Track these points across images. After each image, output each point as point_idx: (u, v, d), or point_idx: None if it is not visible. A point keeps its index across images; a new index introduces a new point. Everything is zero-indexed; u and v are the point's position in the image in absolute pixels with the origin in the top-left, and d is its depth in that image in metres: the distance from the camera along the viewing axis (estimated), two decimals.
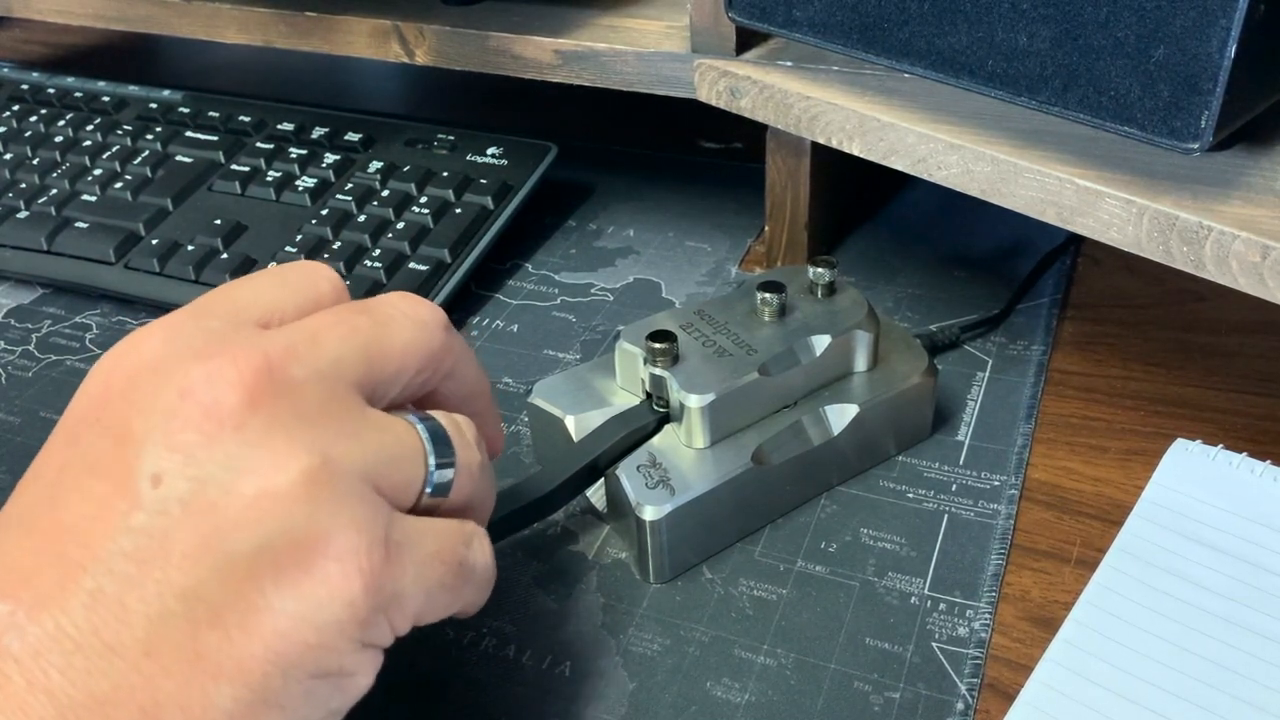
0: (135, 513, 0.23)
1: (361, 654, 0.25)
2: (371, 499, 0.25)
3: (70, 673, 0.22)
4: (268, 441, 0.24)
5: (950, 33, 0.38)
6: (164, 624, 0.22)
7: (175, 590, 0.22)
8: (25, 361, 0.50)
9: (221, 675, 0.22)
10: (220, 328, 0.26)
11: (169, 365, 0.25)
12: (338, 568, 0.24)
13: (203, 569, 0.23)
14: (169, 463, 0.23)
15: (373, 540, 0.24)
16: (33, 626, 0.22)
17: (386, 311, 0.28)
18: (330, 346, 0.26)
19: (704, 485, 0.37)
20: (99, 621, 0.22)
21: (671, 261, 0.55)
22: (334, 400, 0.26)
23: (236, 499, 0.23)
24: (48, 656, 0.22)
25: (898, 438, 0.42)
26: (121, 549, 0.23)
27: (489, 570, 0.29)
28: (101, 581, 0.22)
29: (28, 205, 0.56)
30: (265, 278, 0.29)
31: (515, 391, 0.47)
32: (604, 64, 0.51)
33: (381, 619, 0.25)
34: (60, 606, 0.22)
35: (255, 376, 0.24)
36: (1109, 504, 0.40)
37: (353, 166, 0.58)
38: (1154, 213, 0.36)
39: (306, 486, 0.24)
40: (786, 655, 0.35)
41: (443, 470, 0.27)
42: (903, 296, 0.51)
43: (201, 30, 0.60)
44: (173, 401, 0.24)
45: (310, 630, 0.23)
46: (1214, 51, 0.32)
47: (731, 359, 0.38)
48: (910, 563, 0.38)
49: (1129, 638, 0.34)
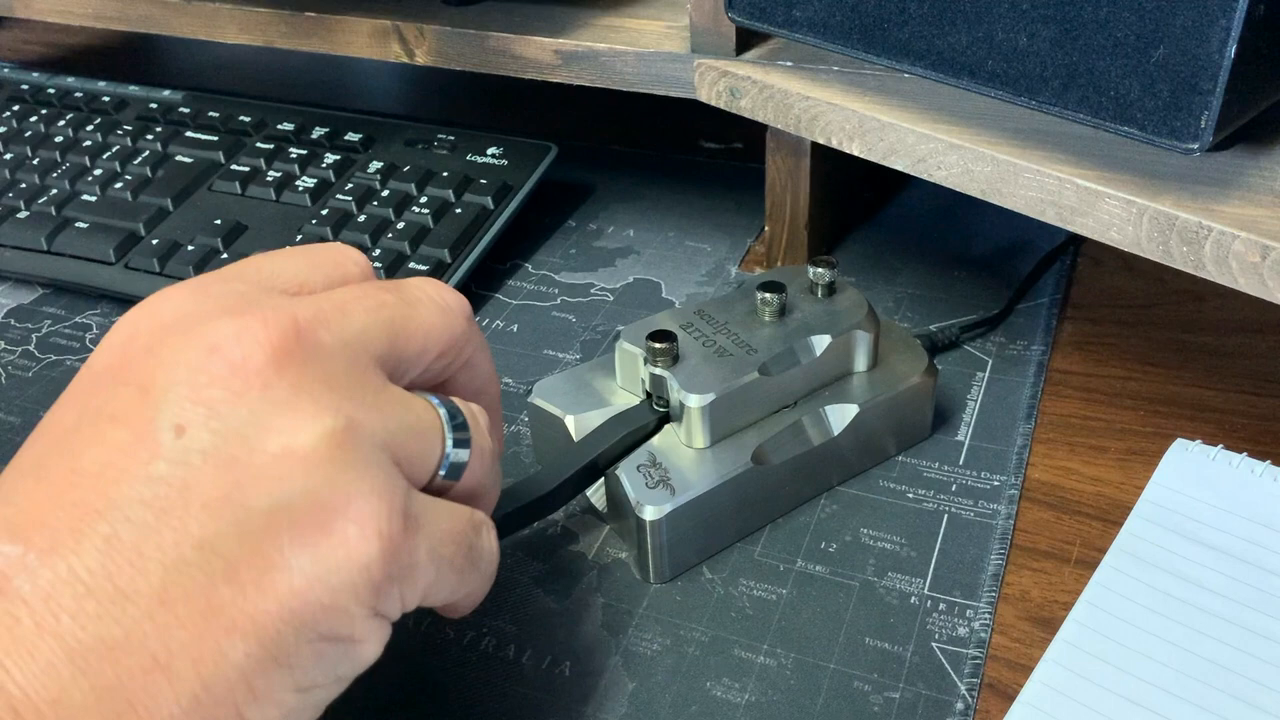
0: (156, 461, 0.23)
1: (371, 621, 0.25)
2: (391, 468, 0.25)
3: (81, 617, 0.21)
4: (293, 401, 0.24)
5: (950, 33, 0.38)
6: (180, 574, 0.22)
7: (193, 541, 0.22)
8: (25, 361, 0.50)
9: (235, 629, 0.22)
10: (248, 290, 0.26)
11: (196, 321, 0.25)
12: (357, 530, 0.24)
13: (222, 522, 0.22)
14: (193, 414, 0.23)
15: (392, 507, 0.24)
16: (44, 569, 0.21)
17: (414, 293, 0.29)
18: (357, 318, 0.26)
19: (704, 485, 0.37)
20: (113, 567, 0.22)
21: (671, 261, 0.55)
22: (357, 371, 0.26)
23: (260, 455, 0.23)
24: (58, 600, 0.21)
25: (898, 438, 0.42)
26: (140, 496, 0.22)
27: (494, 560, 0.29)
28: (118, 527, 0.22)
29: (28, 205, 0.56)
30: (293, 253, 0.29)
31: (515, 391, 0.47)
32: (604, 64, 0.51)
33: (394, 589, 0.25)
34: (74, 550, 0.22)
35: (284, 337, 0.24)
36: (1109, 504, 0.40)
37: (353, 166, 0.58)
38: (1154, 213, 0.36)
39: (330, 448, 0.24)
40: (786, 655, 0.35)
41: (459, 450, 0.27)
42: (903, 296, 0.51)
43: (201, 30, 0.60)
44: (200, 356, 0.24)
45: (325, 591, 0.23)
46: (1214, 51, 0.32)
47: (731, 359, 0.38)
48: (910, 563, 0.38)
49: (1129, 638, 0.34)
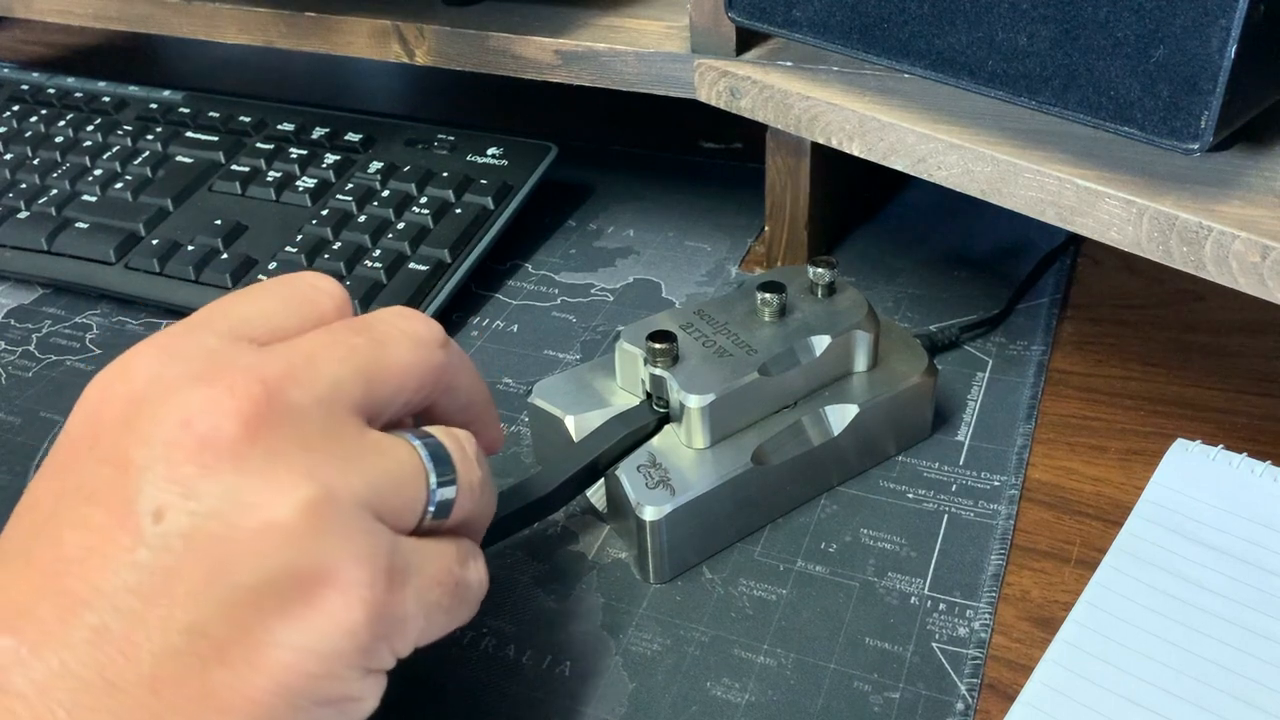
0: (138, 548, 0.23)
1: (365, 680, 0.25)
2: (373, 527, 0.25)
3: (77, 711, 0.21)
4: (268, 472, 0.24)
5: (950, 33, 0.38)
6: (170, 660, 0.22)
7: (180, 626, 0.22)
8: (25, 361, 0.50)
9: (229, 710, 0.22)
10: (217, 346, 0.26)
11: (165, 390, 0.24)
12: (341, 599, 0.23)
13: (207, 605, 0.23)
14: (170, 496, 0.23)
15: (375, 570, 0.24)
16: (37, 663, 0.22)
17: (384, 330, 0.28)
18: (328, 369, 0.26)
19: (704, 485, 0.37)
20: (104, 659, 0.22)
21: (671, 261, 0.55)
22: (333, 425, 0.25)
23: (239, 532, 0.23)
24: (54, 694, 0.21)
25: (898, 438, 0.42)
26: (125, 584, 0.22)
27: (483, 588, 0.29)
28: (105, 618, 0.22)
29: (28, 205, 0.56)
30: (265, 292, 0.29)
31: (515, 391, 0.47)
32: (604, 64, 0.51)
33: (383, 645, 0.25)
34: (63, 642, 0.22)
35: (254, 405, 0.24)
36: (1109, 504, 0.40)
37: (353, 167, 0.58)
38: (1154, 213, 0.36)
39: (309, 518, 0.23)
40: (786, 655, 0.35)
41: (444, 489, 0.27)
42: (903, 296, 0.51)
43: (201, 30, 0.60)
44: (173, 431, 0.24)
45: (315, 661, 0.23)
46: (1214, 52, 0.32)
47: (731, 359, 0.38)
48: (910, 563, 0.38)
49: (1129, 638, 0.34)
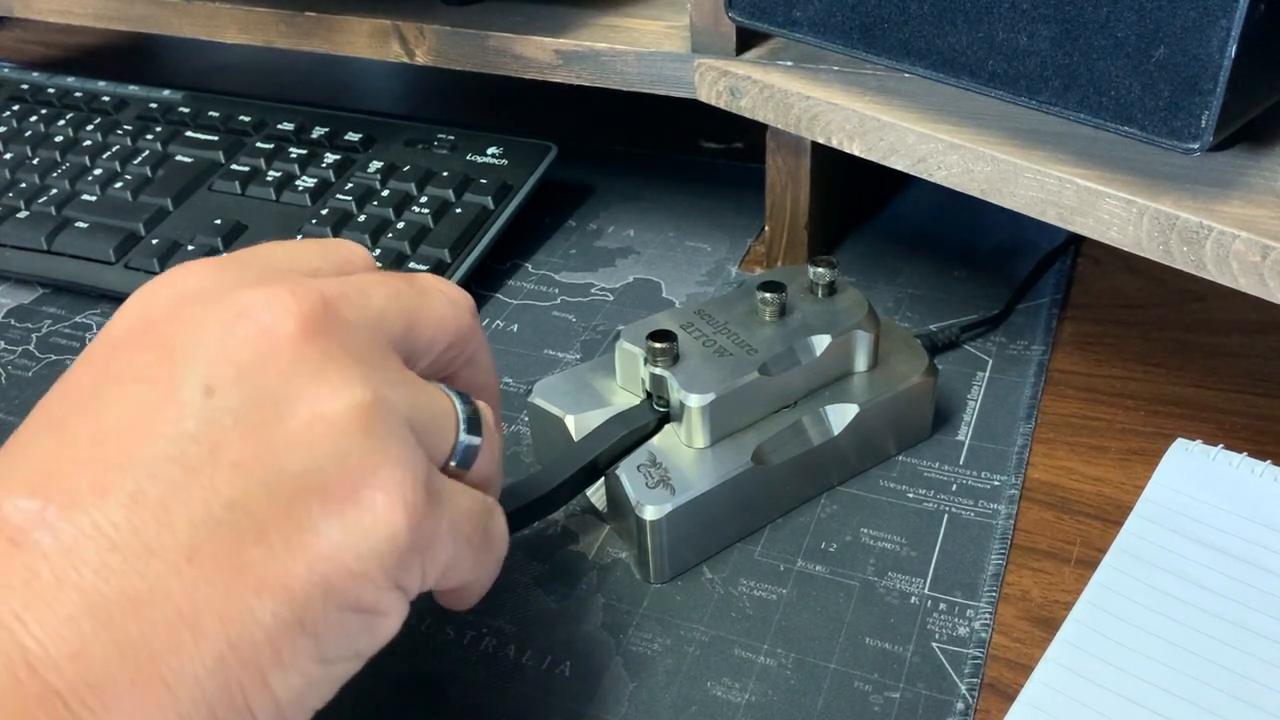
0: (184, 419, 0.22)
1: (393, 593, 0.25)
2: (414, 442, 0.25)
3: (104, 571, 0.21)
4: (323, 370, 0.24)
5: (950, 33, 0.38)
6: (209, 531, 0.22)
7: (222, 499, 0.22)
8: (25, 361, 0.50)
9: (264, 589, 0.22)
10: (267, 268, 0.27)
11: (220, 291, 0.25)
12: (384, 499, 0.24)
13: (252, 482, 0.22)
14: (222, 374, 0.23)
15: (416, 479, 0.24)
16: (65, 524, 0.21)
17: (424, 284, 0.29)
18: (377, 300, 0.27)
19: (704, 485, 0.37)
20: (139, 522, 0.21)
21: (671, 261, 0.55)
22: (379, 349, 0.26)
23: (291, 420, 0.23)
24: (80, 553, 0.21)
25: (898, 438, 0.42)
26: (167, 453, 0.22)
27: (505, 543, 0.30)
28: (144, 484, 0.22)
29: (28, 205, 0.56)
30: (303, 243, 0.29)
31: (515, 391, 0.47)
32: (604, 64, 0.51)
33: (417, 560, 0.25)
34: (97, 506, 0.21)
35: (313, 308, 0.25)
36: (1109, 504, 0.40)
37: (353, 166, 0.58)
38: (1154, 213, 0.36)
39: (359, 418, 0.24)
40: (786, 655, 0.35)
41: (471, 437, 0.28)
42: (903, 296, 0.51)
43: (201, 30, 0.60)
44: (228, 319, 0.24)
45: (353, 557, 0.23)
46: (1214, 51, 0.32)
47: (731, 359, 0.38)
48: (910, 563, 0.38)
49: (1129, 638, 0.34)
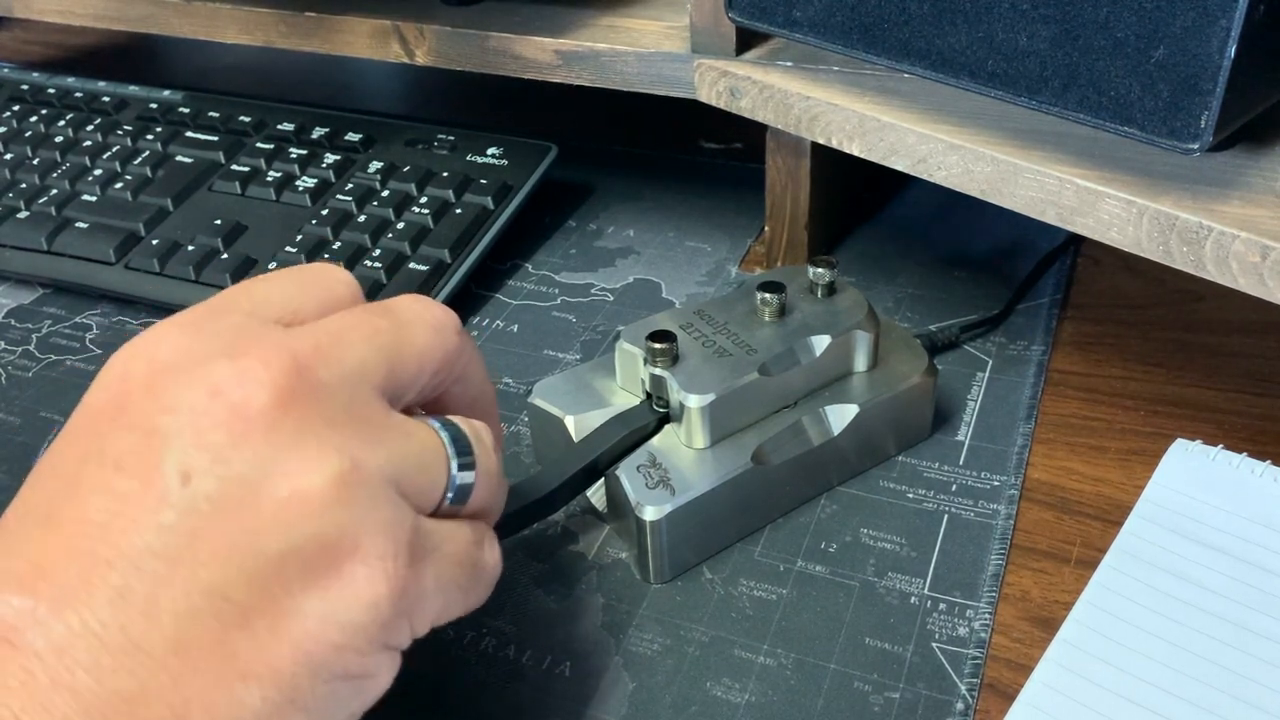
0: (164, 510, 0.23)
1: (382, 655, 0.25)
2: (398, 503, 0.25)
3: (96, 671, 0.21)
4: (298, 443, 0.24)
5: (950, 33, 0.38)
6: (193, 622, 0.22)
7: (203, 589, 0.22)
8: (25, 361, 0.50)
9: (250, 675, 0.22)
10: (243, 323, 0.26)
11: (194, 362, 0.24)
12: (365, 571, 0.24)
13: (232, 569, 0.22)
14: (198, 460, 0.23)
15: (399, 545, 0.24)
16: (56, 623, 0.21)
17: (404, 314, 0.28)
18: (355, 349, 0.26)
19: (704, 485, 0.37)
20: (126, 619, 0.22)
21: (671, 261, 0.55)
22: (359, 404, 0.26)
23: (267, 500, 0.23)
24: (73, 654, 0.21)
25: (898, 438, 0.42)
26: (150, 546, 0.22)
27: (497, 570, 0.29)
28: (129, 579, 0.22)
29: (28, 205, 0.56)
30: (282, 277, 0.29)
31: (515, 391, 0.47)
32: (604, 64, 0.51)
33: (404, 621, 0.25)
34: (85, 603, 0.22)
35: (285, 377, 0.24)
36: (1109, 504, 0.40)
37: (353, 166, 0.58)
38: (1154, 213, 0.36)
39: (337, 490, 0.24)
40: (786, 655, 0.35)
41: (464, 473, 0.27)
42: (903, 296, 0.51)
43: (201, 30, 0.60)
44: (201, 399, 0.24)
45: (336, 631, 0.23)
46: (1214, 52, 0.32)
47: (731, 359, 0.38)
48: (910, 563, 0.38)
49: (1129, 638, 0.34)
